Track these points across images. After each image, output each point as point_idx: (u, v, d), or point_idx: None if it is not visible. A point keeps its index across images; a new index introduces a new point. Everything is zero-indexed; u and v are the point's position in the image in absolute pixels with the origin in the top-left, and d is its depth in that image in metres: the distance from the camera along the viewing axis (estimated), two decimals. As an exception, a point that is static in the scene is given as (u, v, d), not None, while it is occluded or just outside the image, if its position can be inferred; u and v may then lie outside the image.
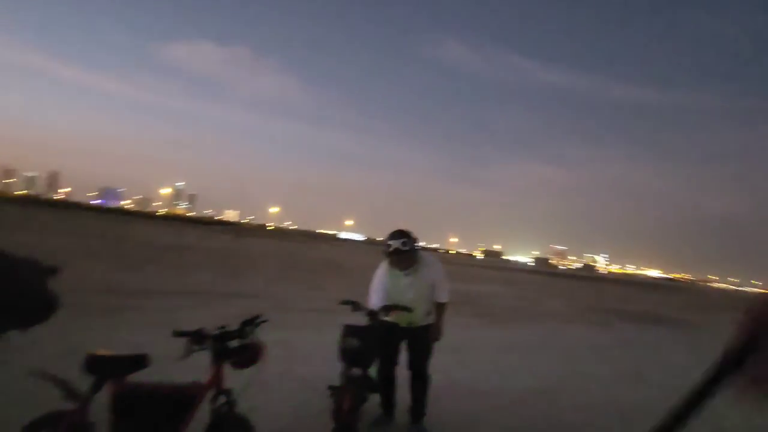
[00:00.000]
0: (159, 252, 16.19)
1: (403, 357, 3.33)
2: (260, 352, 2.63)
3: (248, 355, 2.60)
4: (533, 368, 5.74)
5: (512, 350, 6.75)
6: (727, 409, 3.37)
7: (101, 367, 2.29)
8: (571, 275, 65.88)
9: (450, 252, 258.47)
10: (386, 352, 3.23)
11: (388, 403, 3.32)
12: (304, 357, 4.89)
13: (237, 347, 2.60)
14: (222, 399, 2.53)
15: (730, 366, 0.46)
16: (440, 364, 3.33)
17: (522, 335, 8.25)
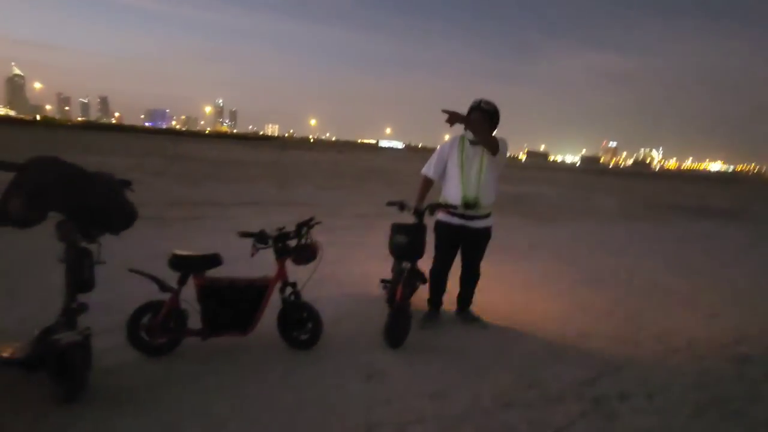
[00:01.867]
0: (214, 167, 16.98)
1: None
2: (317, 250, 2.88)
3: (306, 253, 2.86)
4: (579, 261, 5.84)
5: (558, 246, 6.82)
6: None
7: (183, 265, 2.63)
8: (623, 173, 62.74)
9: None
10: (444, 253, 3.31)
11: (437, 301, 3.48)
12: (356, 256, 5.23)
13: (296, 246, 2.86)
14: (289, 290, 2.87)
15: None
16: (490, 260, 3.45)
17: (568, 231, 8.26)
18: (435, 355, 2.96)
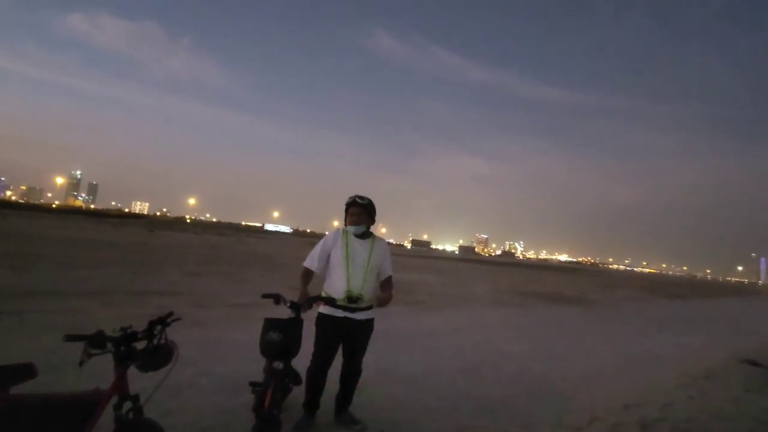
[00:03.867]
0: (55, 247, 14.35)
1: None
2: (171, 352, 2.42)
3: (157, 357, 2.38)
4: (459, 350, 5.99)
5: (440, 334, 6.99)
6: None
7: (-25, 381, 1.96)
8: (493, 262, 70.06)
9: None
10: (325, 349, 3.08)
11: (314, 403, 3.15)
12: (224, 355, 4.62)
13: (144, 349, 2.37)
14: (127, 405, 2.30)
15: None
16: (369, 351, 3.30)
17: (449, 320, 8.58)
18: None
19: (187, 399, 3.30)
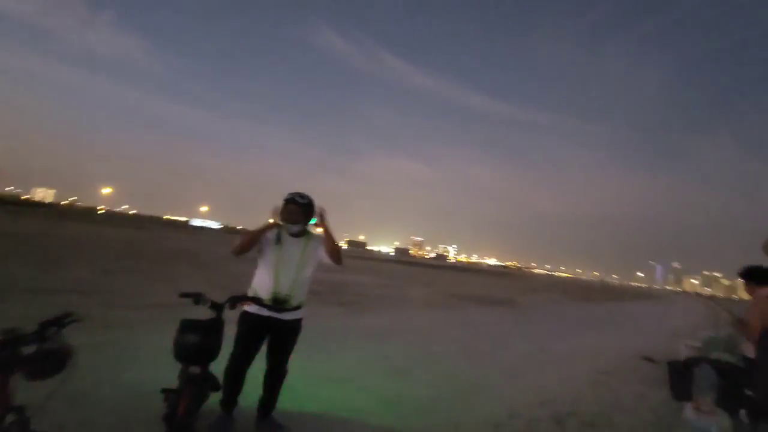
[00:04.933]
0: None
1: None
2: (66, 358, 2.12)
3: (48, 363, 2.07)
4: (390, 352, 6.00)
5: (373, 336, 6.96)
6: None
7: None
8: (427, 264, 71.96)
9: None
10: (246, 349, 2.91)
11: (232, 402, 2.99)
12: (135, 360, 4.20)
13: (33, 354, 2.05)
14: (10, 418, 1.98)
15: None
16: (299, 352, 3.16)
17: (383, 321, 8.60)
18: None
19: (87, 410, 2.94)
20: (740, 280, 3.42)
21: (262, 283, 2.95)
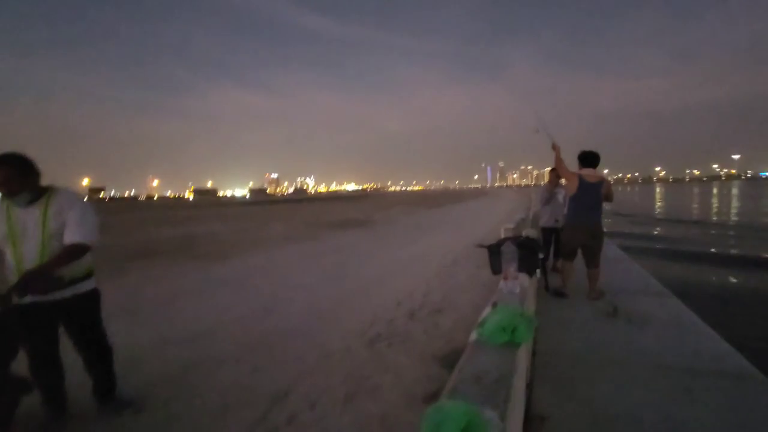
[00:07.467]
0: None
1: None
2: None
3: None
4: (255, 294, 5.87)
5: (232, 282, 6.68)
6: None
7: None
8: (286, 200, 70.80)
9: (153, 198, 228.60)
10: (38, 341, 2.42)
11: (58, 395, 2.57)
12: None
13: None
14: None
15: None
16: (146, 319, 2.83)
17: (240, 266, 8.29)
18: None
19: None
20: (547, 169, 4.66)
21: (10, 267, 2.39)
